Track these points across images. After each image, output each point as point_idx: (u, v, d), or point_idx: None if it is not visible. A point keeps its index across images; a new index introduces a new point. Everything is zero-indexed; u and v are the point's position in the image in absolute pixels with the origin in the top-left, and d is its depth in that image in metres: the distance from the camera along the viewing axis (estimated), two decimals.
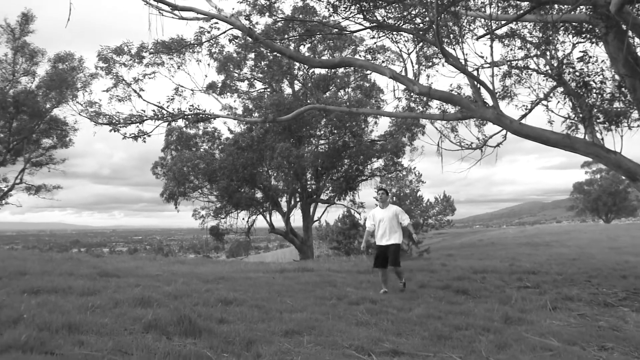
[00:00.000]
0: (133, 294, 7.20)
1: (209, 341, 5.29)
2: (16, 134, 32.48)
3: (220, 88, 28.17)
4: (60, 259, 11.96)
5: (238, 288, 9.10)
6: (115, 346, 4.83)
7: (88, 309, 6.21)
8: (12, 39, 31.70)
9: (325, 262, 17.33)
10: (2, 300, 5.98)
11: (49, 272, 9.01)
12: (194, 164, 27.67)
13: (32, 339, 4.67)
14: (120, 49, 22.26)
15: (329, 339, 5.82)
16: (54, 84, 31.65)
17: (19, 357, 4.27)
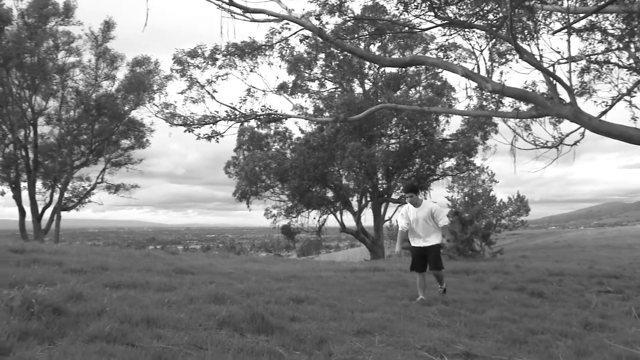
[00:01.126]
0: (207, 291, 7.38)
1: (281, 339, 5.35)
2: (98, 135, 33.98)
3: (291, 88, 28.47)
4: (138, 256, 12.40)
5: (309, 287, 9.17)
6: (191, 341, 4.96)
7: (165, 304, 6.41)
8: (95, 45, 33.25)
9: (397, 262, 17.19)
10: (87, 293, 6.27)
11: (128, 268, 9.36)
12: (266, 163, 28.11)
13: (114, 331, 4.88)
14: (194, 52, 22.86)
15: (400, 340, 5.78)
16: (132, 87, 32.93)
17: (104, 347, 4.47)
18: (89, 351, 4.34)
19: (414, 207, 9.00)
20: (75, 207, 35.07)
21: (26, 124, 32.75)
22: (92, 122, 33.67)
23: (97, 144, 34.15)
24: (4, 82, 31.60)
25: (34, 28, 31.34)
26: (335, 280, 10.44)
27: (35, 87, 32.49)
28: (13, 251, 9.50)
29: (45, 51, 32.34)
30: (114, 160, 35.46)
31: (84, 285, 6.79)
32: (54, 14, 31.98)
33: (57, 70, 32.79)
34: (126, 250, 15.74)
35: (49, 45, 32.49)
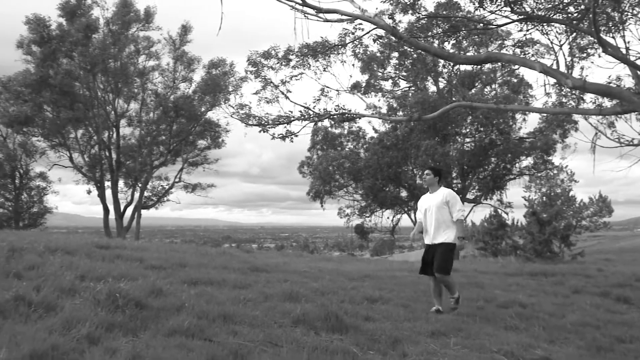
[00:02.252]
0: (282, 289, 7.47)
1: (355, 338, 5.35)
2: (176, 136, 35.05)
3: (365, 88, 28.39)
4: (214, 254, 12.69)
5: (383, 286, 9.12)
6: (266, 338, 5.04)
7: (241, 301, 6.54)
8: (173, 49, 34.33)
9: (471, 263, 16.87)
10: (166, 289, 6.49)
11: (205, 265, 9.60)
12: (339, 163, 28.18)
13: (192, 326, 5.03)
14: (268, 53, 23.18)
15: (476, 342, 5.65)
16: (208, 88, 33.77)
17: (183, 341, 4.62)
18: (169, 345, 4.49)
19: (430, 194, 7.65)
20: (155, 205, 36.30)
21: (110, 126, 34.22)
22: (171, 123, 34.75)
23: (175, 144, 35.21)
24: (90, 87, 33.16)
25: (118, 34, 32.72)
26: (409, 281, 10.34)
27: (118, 91, 33.90)
28: (98, 247, 9.94)
29: (127, 56, 33.68)
30: (191, 160, 36.45)
31: (164, 281, 7.03)
32: (136, 21, 33.26)
33: (138, 73, 34.08)
34: (203, 248, 16.15)
35: (130, 50, 33.82)
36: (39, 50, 31.42)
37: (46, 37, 31.07)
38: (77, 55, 32.14)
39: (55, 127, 32.92)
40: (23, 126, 32.73)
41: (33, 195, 37.07)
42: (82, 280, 6.55)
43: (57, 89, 31.43)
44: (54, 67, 31.47)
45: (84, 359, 4.00)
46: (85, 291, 5.80)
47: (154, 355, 4.19)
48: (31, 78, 31.05)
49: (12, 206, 35.89)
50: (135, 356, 4.16)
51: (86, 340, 4.39)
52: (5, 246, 7.76)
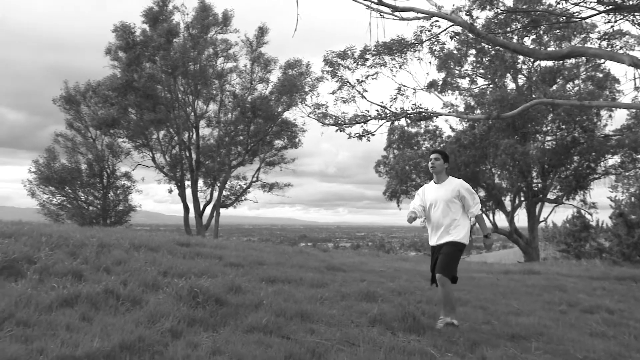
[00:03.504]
0: (359, 288, 7.47)
1: (432, 339, 5.28)
2: (253, 136, 35.68)
3: (441, 86, 27.95)
4: (291, 252, 12.85)
5: (461, 288, 8.95)
6: (343, 337, 5.06)
7: (318, 300, 6.59)
8: (250, 51, 34.96)
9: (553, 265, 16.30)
10: (245, 286, 6.63)
11: (282, 264, 9.74)
12: (416, 162, 27.86)
13: (270, 323, 5.12)
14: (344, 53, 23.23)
15: (559, 348, 5.44)
16: (284, 89, 34.16)
17: (261, 337, 4.71)
18: (248, 341, 4.58)
19: (435, 184, 6.35)
20: (233, 204, 37.07)
21: (190, 127, 35.24)
22: (248, 123, 35.39)
23: (253, 144, 35.84)
24: (171, 89, 34.31)
25: (197, 38, 33.67)
26: (488, 282, 10.11)
27: (197, 93, 34.87)
28: (179, 244, 10.25)
29: (206, 59, 34.57)
30: (268, 160, 36.97)
31: (242, 279, 7.18)
32: (214, 24, 34.12)
33: (217, 75, 34.90)
34: (280, 246, 16.38)
35: (209, 53, 34.69)
36: (124, 55, 32.79)
37: (131, 43, 32.40)
38: (159, 59, 33.30)
39: (139, 129, 34.27)
40: (110, 128, 34.32)
41: (119, 194, 38.73)
42: (165, 276, 6.79)
43: (141, 92, 32.72)
44: (138, 72, 32.76)
45: (167, 351, 4.13)
46: (168, 287, 6.00)
47: (234, 351, 4.28)
48: (117, 82, 32.48)
49: (100, 204, 37.65)
50: (216, 351, 4.27)
51: (169, 334, 4.55)
52: (95, 242, 8.14)
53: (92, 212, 37.25)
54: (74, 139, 37.33)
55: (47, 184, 36.23)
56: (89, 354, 3.82)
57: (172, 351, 4.12)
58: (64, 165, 36.64)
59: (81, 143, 37.31)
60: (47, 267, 6.10)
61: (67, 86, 36.30)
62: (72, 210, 36.71)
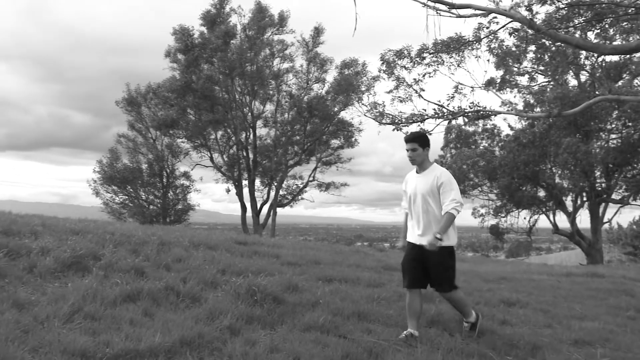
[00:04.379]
0: None
1: (491, 341, 5.17)
2: (309, 136, 35.86)
3: (499, 84, 27.34)
4: (348, 252, 12.85)
5: (521, 289, 8.74)
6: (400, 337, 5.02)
7: (374, 300, 6.56)
8: (306, 51, 35.16)
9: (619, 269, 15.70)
10: (302, 285, 6.67)
11: (339, 263, 9.74)
12: (474, 161, 27.44)
13: (327, 322, 5.14)
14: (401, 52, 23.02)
15: (627, 356, 5.20)
16: (341, 88, 34.18)
17: (318, 336, 4.73)
18: (305, 339, 4.60)
19: (416, 173, 5.39)
20: (289, 203, 37.36)
21: (247, 127, 35.72)
22: (304, 123, 35.60)
23: (309, 144, 36.00)
24: (228, 90, 34.87)
25: (254, 39, 34.09)
26: (549, 284, 9.82)
27: (254, 93, 35.31)
28: (237, 243, 10.40)
29: (262, 59, 34.96)
30: (325, 160, 37.06)
31: (299, 278, 7.23)
32: (270, 25, 34.47)
33: (273, 76, 35.25)
34: (336, 246, 16.39)
35: (266, 53, 35.07)
36: (183, 58, 33.54)
37: (190, 46, 33.10)
38: (217, 61, 33.88)
39: (197, 129, 34.97)
40: (169, 129, 35.21)
41: (178, 193, 39.66)
42: (223, 274, 6.89)
43: (199, 93, 33.40)
44: (196, 73, 33.45)
45: (226, 348, 4.20)
46: (226, 285, 6.10)
47: (291, 349, 4.31)
48: (176, 84, 33.27)
49: (160, 203, 38.65)
50: (273, 349, 4.31)
51: (228, 331, 4.62)
52: (156, 240, 8.35)
53: (152, 211, 38.30)
54: (135, 139, 38.52)
55: (110, 184, 37.52)
56: (151, 348, 3.93)
57: (231, 348, 4.18)
58: (126, 165, 37.87)
59: (142, 143, 38.46)
60: (111, 263, 6.31)
61: (129, 88, 37.51)
62: (134, 208, 37.84)
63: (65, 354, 3.57)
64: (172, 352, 4.00)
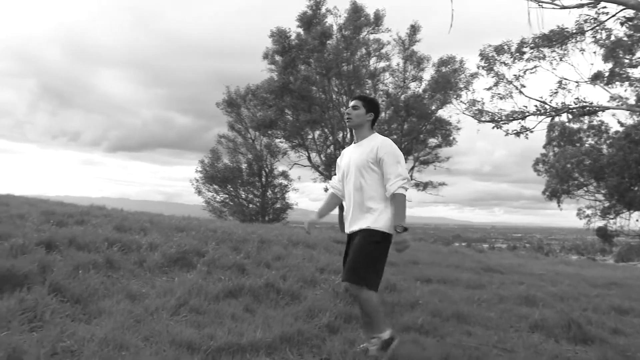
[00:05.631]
0: (517, 292, 7.17)
1: (601, 351, 4.86)
2: (406, 135, 35.54)
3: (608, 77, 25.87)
4: (446, 252, 12.65)
5: (634, 297, 8.21)
6: (501, 341, 4.87)
7: (474, 302, 6.41)
8: (403, 49, 34.87)
9: None
10: (400, 285, 6.63)
11: (437, 263, 9.61)
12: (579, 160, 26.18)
13: (426, 323, 5.07)
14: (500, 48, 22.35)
15: None
16: (438, 86, 33.62)
17: (417, 337, 4.67)
18: (404, 340, 4.55)
19: (354, 145, 4.40)
20: None
21: (344, 126, 35.87)
22: (402, 122, 35.33)
23: (406, 143, 35.70)
24: (325, 90, 35.21)
25: (350, 39, 34.21)
26: None
27: (351, 93, 35.40)
28: (335, 241, 10.49)
29: (359, 59, 35.01)
30: (422, 159, 36.58)
31: (397, 277, 7.19)
32: (366, 24, 34.45)
33: (369, 75, 35.23)
34: (434, 245, 16.17)
35: (362, 53, 35.09)
36: (280, 59, 34.23)
37: (287, 47, 33.72)
38: (314, 62, 34.27)
39: (295, 129, 35.56)
40: (268, 129, 36.03)
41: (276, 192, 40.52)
42: (322, 272, 6.98)
43: (297, 94, 33.93)
44: (293, 74, 34.00)
45: (325, 346, 4.24)
46: (325, 283, 6.17)
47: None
48: (274, 85, 33.99)
49: (260, 202, 39.66)
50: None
51: (327, 329, 4.67)
52: (256, 238, 8.59)
53: (251, 210, 39.37)
54: (235, 140, 39.77)
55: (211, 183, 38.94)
56: (252, 343, 4.03)
57: (330, 346, 4.22)
58: (226, 165, 39.18)
59: (242, 144, 39.64)
60: (214, 260, 6.55)
61: (229, 90, 38.75)
62: (234, 207, 39.07)
63: (173, 344, 3.75)
64: (273, 348, 4.09)
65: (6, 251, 5.54)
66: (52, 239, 6.12)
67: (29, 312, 4.04)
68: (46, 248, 5.83)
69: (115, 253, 6.16)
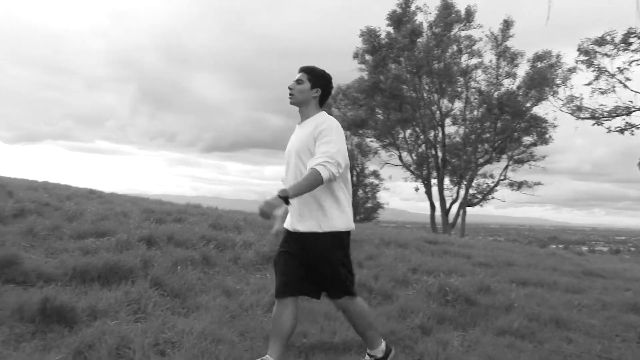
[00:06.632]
0: (623, 298, 6.77)
1: None
2: (500, 133, 34.60)
3: None
4: (543, 254, 12.19)
5: None
6: (605, 350, 4.62)
7: (574, 307, 6.13)
8: (495, 45, 33.96)
9: None
10: (494, 287, 6.45)
11: (533, 266, 9.27)
12: None
13: (522, 327, 4.89)
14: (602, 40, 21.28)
15: None
16: (533, 82, 32.49)
17: (513, 342, 4.51)
18: (499, 344, 4.43)
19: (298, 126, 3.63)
20: (479, 203, 36.34)
21: (435, 125, 35.46)
22: (494, 120, 34.46)
23: (500, 141, 34.76)
24: (416, 89, 34.89)
25: (440, 36, 33.74)
26: None
27: (442, 91, 34.92)
28: (427, 242, 10.38)
29: (450, 56, 34.46)
30: (516, 158, 35.50)
31: (491, 279, 7.00)
32: (457, 21, 33.83)
33: (461, 72, 34.59)
34: (529, 247, 15.63)
35: (453, 50, 34.51)
36: (371, 58, 34.25)
37: (377, 46, 33.71)
38: (404, 60, 34.07)
39: (385, 128, 35.49)
40: (359, 128, 36.18)
41: (367, 191, 40.61)
42: (414, 272, 6.92)
43: (387, 93, 33.84)
44: (384, 73, 33.92)
45: (417, 347, 4.20)
46: (417, 283, 6.11)
47: (484, 353, 4.18)
48: (365, 84, 34.07)
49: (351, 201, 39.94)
50: (465, 351, 4.22)
51: (419, 330, 4.62)
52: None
53: None
54: None
55: None
56: (345, 342, 4.06)
57: (422, 347, 4.17)
58: None
59: None
60: None
61: None
62: None
63: (267, 341, 3.83)
64: (364, 347, 4.09)
65: (112, 246, 5.93)
66: (152, 236, 6.45)
67: (134, 304, 4.34)
68: (147, 244, 6.17)
69: (211, 250, 6.40)
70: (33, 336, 3.65)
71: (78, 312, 3.97)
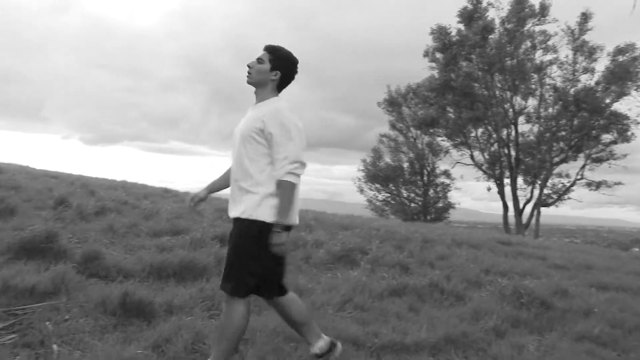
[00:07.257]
0: None
1: None
2: (577, 131, 33.33)
3: None
4: (625, 257, 11.66)
5: None
6: None
7: None
8: (572, 40, 32.76)
9: None
10: (572, 290, 6.23)
11: (614, 269, 8.88)
12: None
13: (604, 334, 4.69)
14: None
15: None
16: (614, 77, 31.15)
17: (593, 348, 4.35)
18: (577, 350, 4.28)
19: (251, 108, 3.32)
20: (554, 203, 35.18)
21: (508, 123, 34.58)
22: (571, 117, 33.25)
23: (576, 139, 33.51)
24: (488, 86, 34.14)
25: (513, 32, 32.87)
26: None
27: (515, 88, 34.01)
28: (500, 243, 10.15)
29: (523, 52, 33.51)
30: (594, 156, 34.08)
31: (569, 282, 6.78)
32: (531, 16, 32.87)
33: (535, 69, 33.56)
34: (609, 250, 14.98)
35: (526, 46, 33.56)
36: (441, 56, 33.81)
37: (447, 44, 33.26)
38: (475, 57, 33.43)
39: (457, 127, 34.93)
40: (429, 127, 35.85)
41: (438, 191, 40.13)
42: (487, 274, 6.78)
43: (458, 91, 33.32)
44: (454, 71, 33.41)
45: (491, 350, 4.11)
46: (490, 285, 5.98)
47: (561, 358, 4.05)
48: (435, 83, 33.68)
49: (421, 201, 39.47)
50: (540, 357, 4.10)
51: (493, 332, 4.51)
52: (419, 237, 8.57)
53: (413, 208, 39.34)
54: (397, 139, 40.05)
55: (373, 182, 39.52)
56: (416, 343, 4.03)
57: (496, 350, 4.08)
58: (388, 164, 39.57)
59: (403, 142, 39.78)
60: (377, 258, 6.65)
61: (390, 90, 39.03)
62: (395, 206, 39.31)
63: (338, 339, 3.85)
64: (437, 349, 4.05)
65: (187, 244, 6.13)
66: (225, 234, 6.60)
67: (208, 301, 4.47)
68: (220, 242, 6.31)
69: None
70: (115, 328, 3.82)
71: (155, 307, 4.14)
